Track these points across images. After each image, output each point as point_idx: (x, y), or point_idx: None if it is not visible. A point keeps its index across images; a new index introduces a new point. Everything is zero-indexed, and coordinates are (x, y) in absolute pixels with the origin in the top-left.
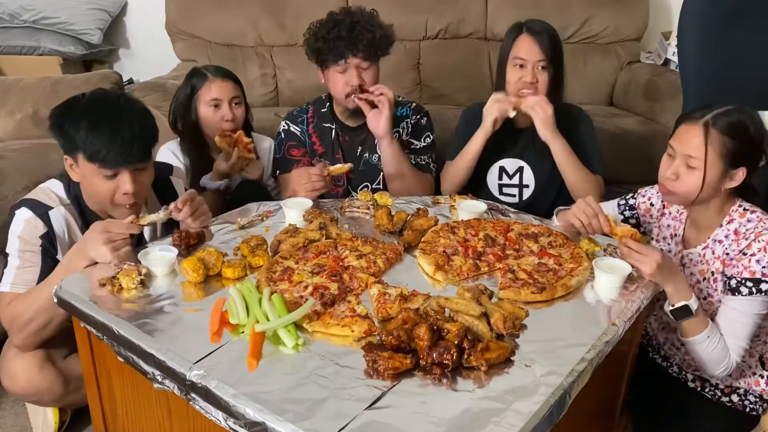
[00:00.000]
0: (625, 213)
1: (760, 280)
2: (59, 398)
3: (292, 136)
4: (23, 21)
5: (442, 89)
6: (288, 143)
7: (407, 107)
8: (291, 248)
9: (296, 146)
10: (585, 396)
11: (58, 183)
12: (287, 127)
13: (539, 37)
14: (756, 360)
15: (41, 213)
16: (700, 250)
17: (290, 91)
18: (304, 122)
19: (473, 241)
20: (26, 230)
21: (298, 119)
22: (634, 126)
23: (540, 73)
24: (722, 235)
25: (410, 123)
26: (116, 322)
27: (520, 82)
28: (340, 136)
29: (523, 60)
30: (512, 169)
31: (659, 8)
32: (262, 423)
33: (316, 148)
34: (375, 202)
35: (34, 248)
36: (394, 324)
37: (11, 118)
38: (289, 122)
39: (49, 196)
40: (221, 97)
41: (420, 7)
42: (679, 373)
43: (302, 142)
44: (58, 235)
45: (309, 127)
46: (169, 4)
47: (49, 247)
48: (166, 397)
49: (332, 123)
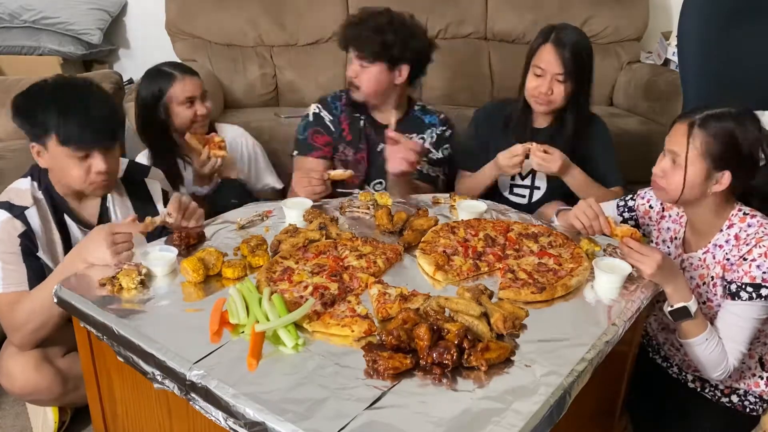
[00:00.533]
0: (624, 214)
1: (761, 285)
2: (58, 397)
3: (320, 121)
4: (23, 21)
5: (442, 89)
6: (313, 129)
7: (435, 116)
8: (291, 248)
9: (321, 133)
10: (585, 396)
11: (26, 180)
12: (318, 112)
13: (562, 49)
14: (756, 361)
15: (17, 213)
16: (701, 254)
17: (290, 91)
18: (338, 109)
19: (473, 241)
20: (4, 231)
21: (332, 106)
22: (634, 126)
23: (556, 86)
24: (723, 240)
25: (436, 132)
26: (116, 322)
27: (535, 90)
28: (367, 128)
29: (542, 70)
30: (526, 169)
31: (659, 8)
32: (262, 423)
33: (345, 135)
34: (375, 202)
35: (14, 248)
36: (394, 324)
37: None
38: (320, 107)
39: (20, 196)
40: (194, 93)
41: (420, 7)
42: (679, 374)
43: (330, 131)
44: (36, 232)
45: (341, 114)
46: (169, 4)
47: (29, 244)
48: (166, 397)
49: (362, 114)
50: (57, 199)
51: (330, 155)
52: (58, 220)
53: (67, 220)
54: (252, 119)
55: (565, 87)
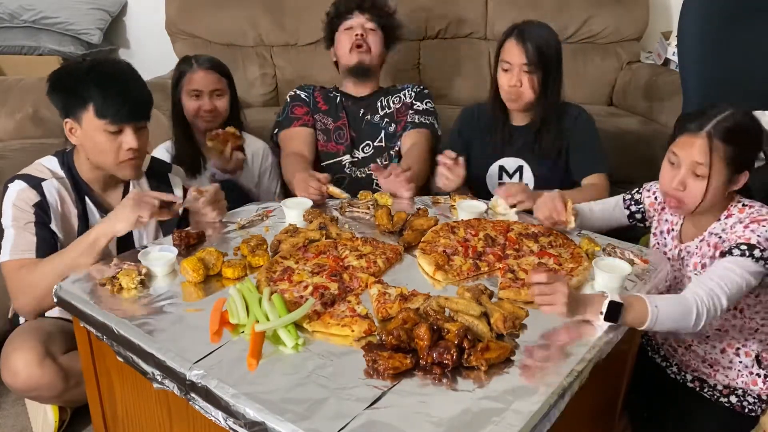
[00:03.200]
0: (631, 207)
1: (754, 246)
2: (60, 394)
3: (297, 98)
4: (23, 21)
5: (442, 89)
6: (293, 103)
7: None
8: (291, 248)
9: (299, 105)
10: (585, 396)
11: (52, 158)
12: (294, 93)
13: (525, 41)
14: (752, 359)
15: (34, 184)
16: (697, 242)
17: (290, 91)
18: (311, 89)
19: (473, 241)
20: (19, 199)
21: (305, 88)
22: (634, 126)
23: (524, 77)
24: (719, 229)
25: (413, 90)
26: (116, 322)
27: (505, 85)
28: (344, 102)
29: (509, 64)
30: (512, 168)
31: (659, 8)
32: (262, 423)
33: (320, 106)
34: (375, 202)
35: (29, 216)
36: (394, 324)
37: (11, 118)
38: (295, 90)
39: (41, 170)
40: (201, 88)
41: (420, 7)
42: (678, 373)
43: (306, 103)
44: (51, 204)
45: (315, 93)
46: (169, 4)
47: (43, 215)
48: (166, 397)
49: (337, 94)
50: (80, 182)
51: (311, 124)
52: (80, 198)
53: (87, 202)
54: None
55: (531, 78)
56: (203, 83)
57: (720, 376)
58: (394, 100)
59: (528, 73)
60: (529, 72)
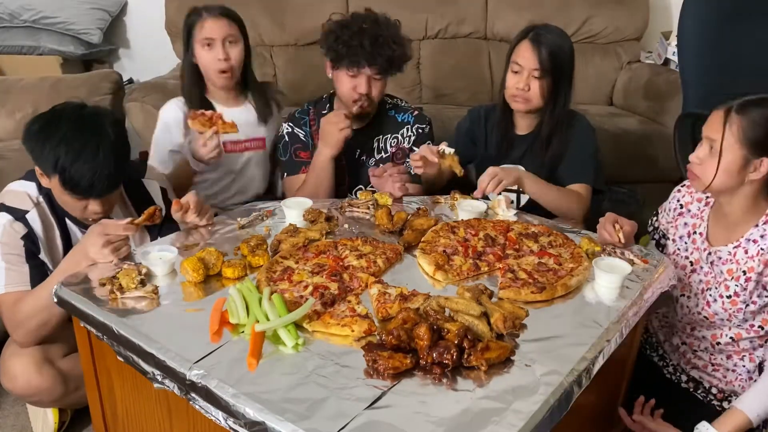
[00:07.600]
0: (655, 237)
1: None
2: (59, 398)
3: (296, 138)
4: (23, 21)
5: (442, 89)
6: (294, 146)
7: (408, 113)
8: (291, 248)
9: (302, 149)
10: (585, 396)
11: (25, 183)
12: (291, 130)
13: (539, 45)
14: (755, 365)
15: (19, 216)
16: (731, 248)
17: (290, 91)
18: (307, 124)
19: (473, 240)
20: (6, 234)
21: (301, 122)
22: (634, 126)
23: (533, 82)
24: (758, 235)
25: (413, 131)
26: (116, 322)
27: (513, 87)
28: None
29: (519, 66)
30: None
31: (659, 8)
32: (262, 423)
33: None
34: (375, 202)
35: (18, 249)
36: (394, 324)
37: (11, 118)
38: (292, 125)
39: (21, 199)
40: (213, 36)
41: (420, 7)
42: (674, 374)
43: (306, 145)
44: (38, 235)
45: (311, 129)
46: (169, 4)
47: (32, 246)
48: (166, 397)
49: None
50: (57, 206)
51: None
52: (60, 222)
53: (68, 222)
54: None
55: (541, 84)
56: (214, 30)
57: (717, 379)
58: (392, 141)
59: (537, 79)
60: (539, 77)
